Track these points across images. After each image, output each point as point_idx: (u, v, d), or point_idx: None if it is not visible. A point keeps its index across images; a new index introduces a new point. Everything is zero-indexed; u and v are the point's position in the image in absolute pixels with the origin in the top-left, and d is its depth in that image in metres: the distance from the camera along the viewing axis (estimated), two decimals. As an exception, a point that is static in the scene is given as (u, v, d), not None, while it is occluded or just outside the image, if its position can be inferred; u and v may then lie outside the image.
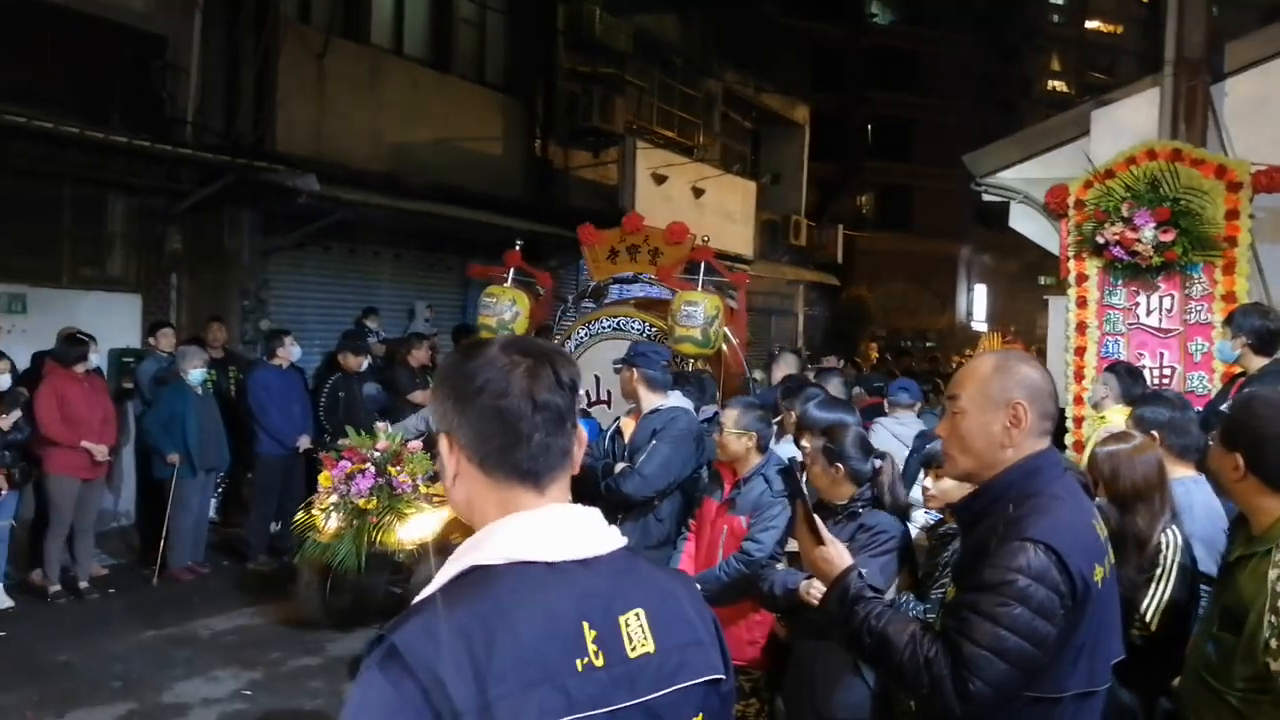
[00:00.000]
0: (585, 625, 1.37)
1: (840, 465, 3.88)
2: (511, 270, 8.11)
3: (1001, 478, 2.22)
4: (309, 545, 6.39)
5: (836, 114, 30.77)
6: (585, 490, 5.08)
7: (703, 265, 7.65)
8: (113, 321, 9.84)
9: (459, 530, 6.63)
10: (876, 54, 35.31)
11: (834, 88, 31.14)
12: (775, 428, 5.34)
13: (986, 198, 8.62)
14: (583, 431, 1.54)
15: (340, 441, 6.61)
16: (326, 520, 6.32)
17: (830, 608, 2.35)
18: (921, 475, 4.17)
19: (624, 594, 1.43)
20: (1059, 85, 42.57)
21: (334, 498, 6.29)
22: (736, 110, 22.78)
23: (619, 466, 5.42)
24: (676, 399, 5.56)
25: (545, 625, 1.35)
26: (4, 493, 7.13)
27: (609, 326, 7.73)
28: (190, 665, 6.51)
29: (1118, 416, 5.47)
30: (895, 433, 6.70)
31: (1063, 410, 6.53)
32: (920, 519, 4.45)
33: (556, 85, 16.07)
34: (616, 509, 5.34)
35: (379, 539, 6.24)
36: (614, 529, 1.50)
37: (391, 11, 13.87)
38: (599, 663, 1.36)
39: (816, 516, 2.45)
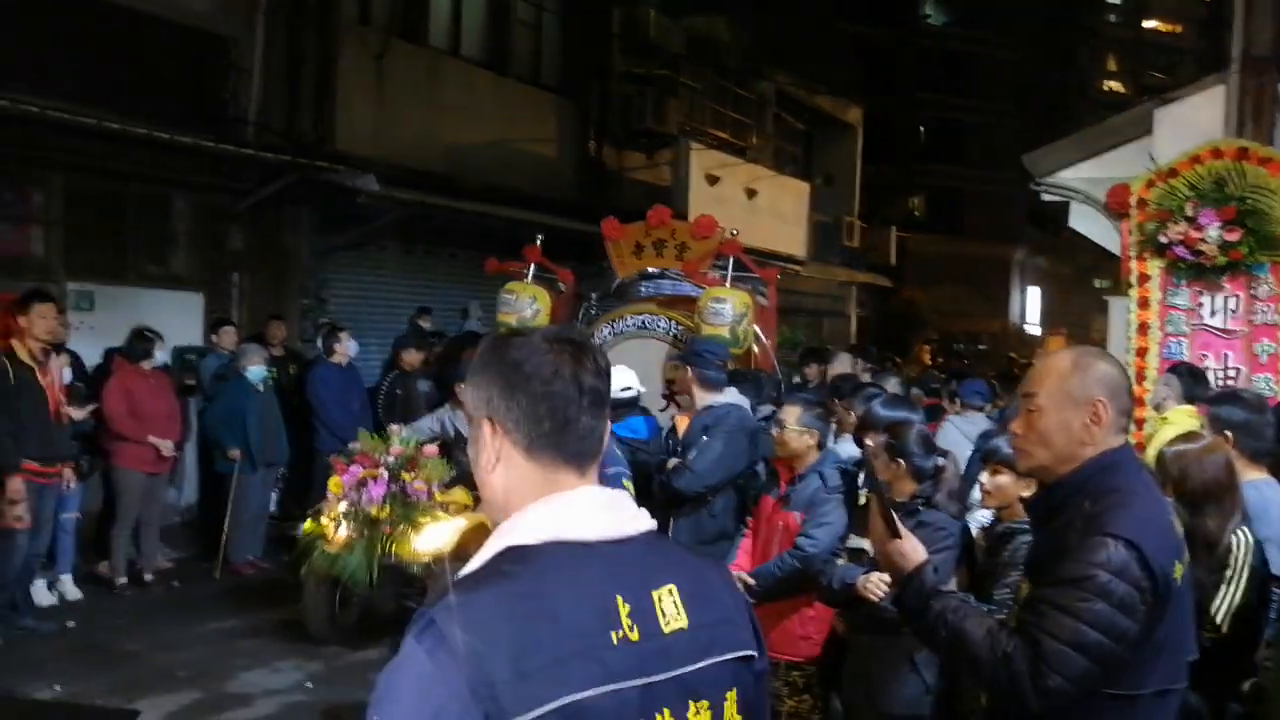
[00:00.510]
0: (620, 599, 1.39)
1: (902, 461, 3.88)
2: (532, 266, 7.92)
3: (1079, 472, 2.20)
4: (317, 555, 6.02)
5: (889, 116, 30.54)
6: (643, 486, 5.12)
7: (731, 260, 7.42)
8: (176, 319, 10.03)
9: (474, 541, 6.49)
10: (929, 55, 35.04)
11: (887, 89, 30.92)
12: (834, 426, 5.35)
13: (1045, 198, 8.50)
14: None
15: (351, 445, 6.30)
16: (336, 529, 5.96)
17: (906, 601, 2.34)
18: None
19: (657, 570, 1.46)
20: (1115, 86, 41.91)
21: (344, 505, 5.91)
22: (789, 111, 22.72)
23: (671, 463, 5.46)
24: (731, 395, 5.59)
25: (581, 600, 1.38)
26: (72, 486, 7.31)
27: (633, 325, 7.58)
28: (253, 656, 6.63)
29: (1180, 417, 5.40)
30: (965, 431, 6.69)
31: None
32: (980, 517, 4.43)
33: (611, 87, 16.15)
34: (670, 505, 5.37)
35: (392, 550, 5.87)
36: (643, 511, 1.53)
37: (449, 13, 14.02)
38: (634, 636, 1.38)
39: (894, 513, 2.44)
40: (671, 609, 1.44)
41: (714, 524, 5.23)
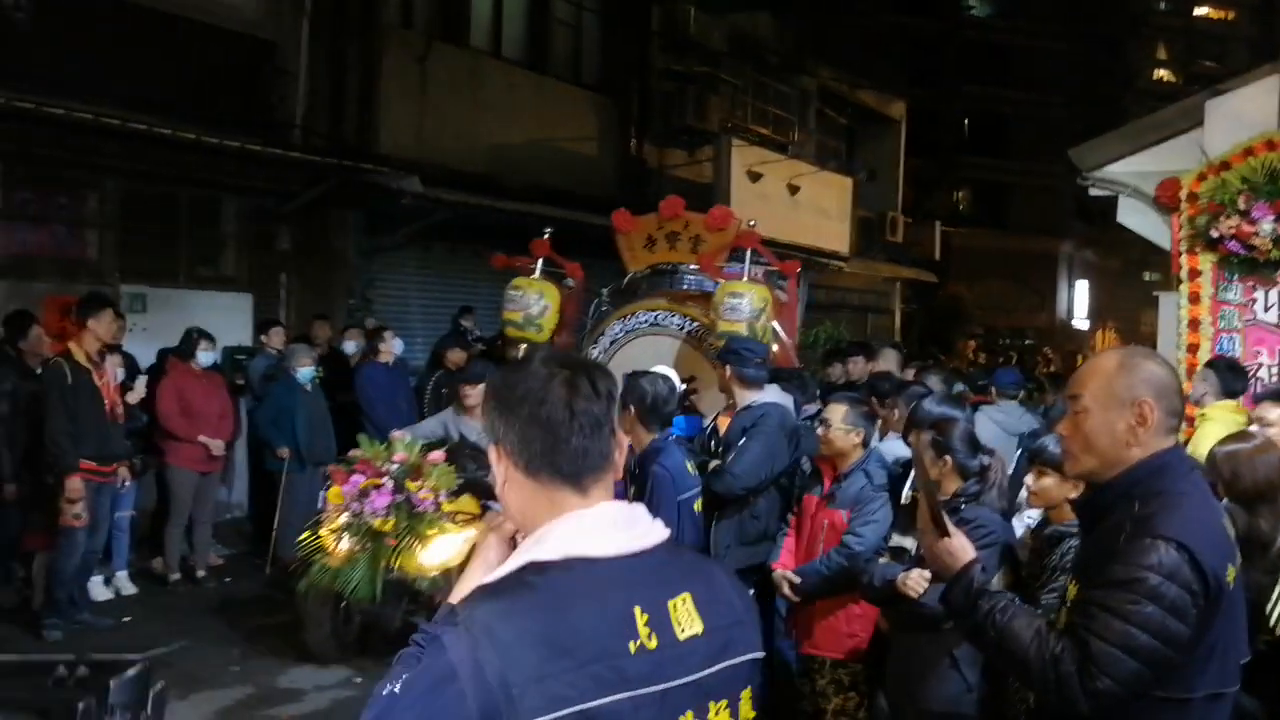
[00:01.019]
0: (637, 610, 1.47)
1: (948, 457, 3.87)
2: (540, 261, 7.60)
3: (1128, 474, 2.18)
4: (316, 570, 5.57)
5: (933, 109, 30.25)
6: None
7: (749, 253, 7.06)
8: (226, 319, 10.20)
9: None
10: (974, 47, 34.64)
11: (930, 83, 30.62)
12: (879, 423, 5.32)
13: (1093, 192, 8.40)
14: (623, 437, 1.63)
15: (351, 453, 5.88)
16: (337, 542, 5.53)
17: (953, 600, 2.34)
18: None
19: (671, 580, 1.55)
20: (1165, 75, 41.22)
21: (345, 517, 5.48)
22: (831, 106, 22.57)
23: (711, 465, 5.43)
24: (771, 394, 5.50)
25: (600, 611, 1.46)
26: (127, 484, 7.46)
27: (645, 322, 7.24)
28: (302, 652, 6.71)
29: (1219, 412, 5.33)
30: (998, 421, 6.62)
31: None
32: (1028, 518, 4.40)
33: (651, 85, 16.16)
34: (710, 507, 5.34)
35: (397, 564, 5.45)
36: (657, 522, 1.60)
37: (490, 14, 14.11)
38: (651, 645, 1.46)
39: (943, 512, 2.44)
40: (686, 616, 1.52)
41: (756, 525, 5.18)
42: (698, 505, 4.68)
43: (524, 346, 7.71)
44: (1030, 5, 34.84)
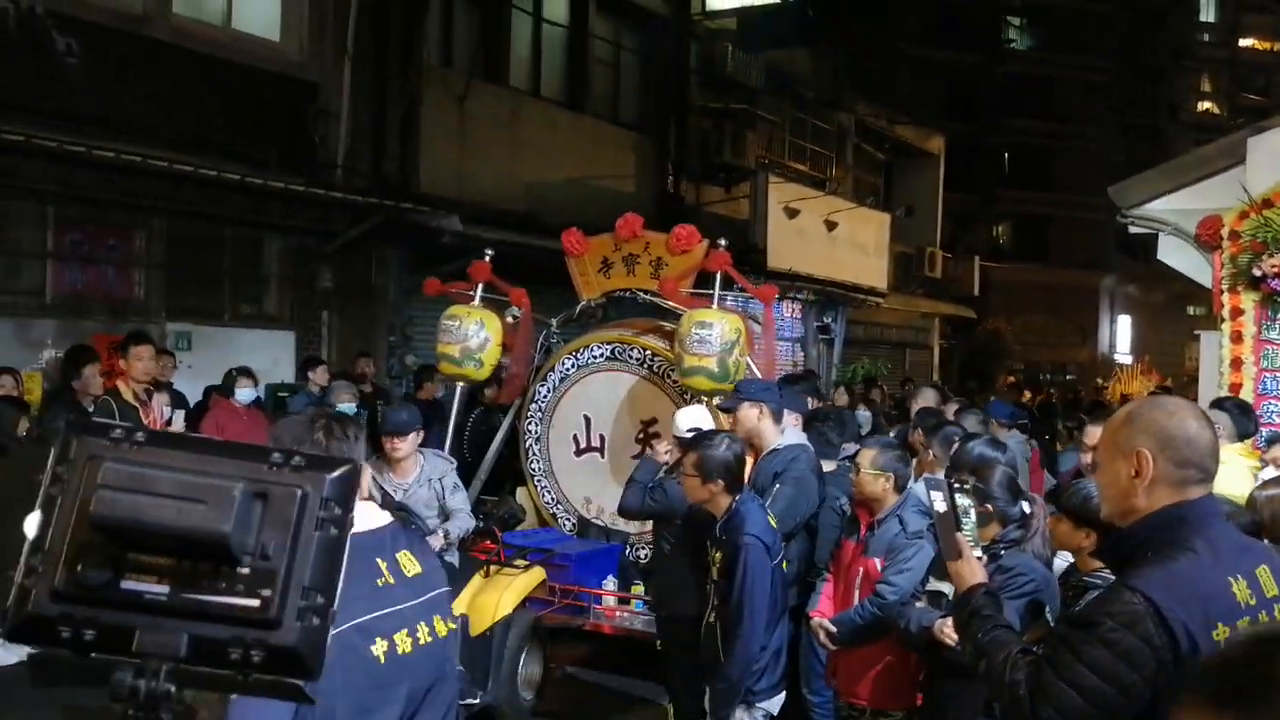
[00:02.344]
0: (379, 561, 2.23)
1: (989, 505, 3.83)
2: (479, 286, 6.88)
3: (1144, 523, 2.18)
4: None
5: (972, 143, 30.14)
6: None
7: (718, 277, 6.36)
8: (269, 357, 10.37)
9: None
10: (1013, 80, 34.43)
11: (969, 116, 30.54)
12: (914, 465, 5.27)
13: (1133, 230, 8.34)
14: (368, 470, 2.46)
15: None
16: None
17: (956, 621, 2.51)
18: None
19: (398, 542, 2.32)
20: (1209, 107, 40.82)
21: None
22: (869, 142, 22.61)
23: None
24: (792, 436, 5.40)
25: (357, 565, 2.06)
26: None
27: (600, 355, 6.61)
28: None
29: (1230, 454, 5.21)
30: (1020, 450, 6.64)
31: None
32: (1064, 558, 4.34)
33: (689, 122, 16.27)
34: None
35: None
36: (384, 511, 2.42)
37: (529, 54, 14.31)
38: (392, 581, 2.23)
39: (960, 535, 2.53)
40: (408, 562, 2.29)
41: (789, 568, 5.11)
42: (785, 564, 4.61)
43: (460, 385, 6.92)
44: (1070, 37, 34.66)
